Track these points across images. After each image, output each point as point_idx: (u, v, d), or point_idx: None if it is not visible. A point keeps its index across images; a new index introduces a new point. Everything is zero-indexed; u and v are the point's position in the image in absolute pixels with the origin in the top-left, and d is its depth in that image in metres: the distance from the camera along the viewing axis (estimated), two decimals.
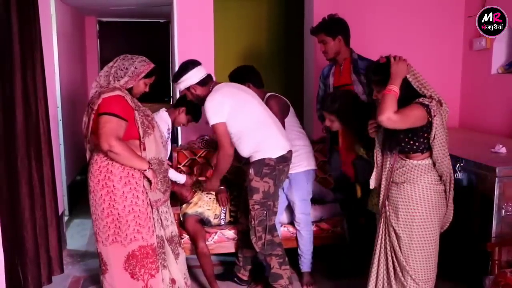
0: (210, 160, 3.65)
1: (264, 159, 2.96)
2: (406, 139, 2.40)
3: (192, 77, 3.01)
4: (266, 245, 3.05)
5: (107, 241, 2.67)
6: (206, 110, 2.97)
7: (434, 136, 2.35)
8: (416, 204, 2.42)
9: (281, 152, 3.00)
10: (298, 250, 3.45)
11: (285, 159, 3.03)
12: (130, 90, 2.68)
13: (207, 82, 3.05)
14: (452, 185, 2.49)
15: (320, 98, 3.51)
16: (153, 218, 2.70)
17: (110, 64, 2.70)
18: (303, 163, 3.30)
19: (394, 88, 2.32)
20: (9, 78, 2.75)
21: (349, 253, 3.46)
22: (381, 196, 2.56)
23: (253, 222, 3.02)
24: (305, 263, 3.44)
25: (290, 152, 3.06)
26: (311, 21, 4.26)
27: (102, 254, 2.74)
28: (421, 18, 4.39)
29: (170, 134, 3.49)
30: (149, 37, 7.18)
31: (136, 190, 2.62)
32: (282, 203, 3.35)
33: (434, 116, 2.32)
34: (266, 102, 3.24)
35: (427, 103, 2.33)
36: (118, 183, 2.60)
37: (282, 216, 3.44)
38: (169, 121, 3.37)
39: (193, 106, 3.30)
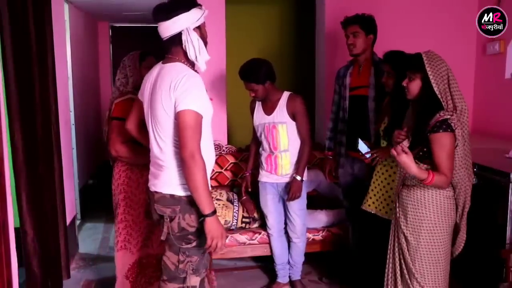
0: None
1: None
2: (426, 149, 2.36)
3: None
4: None
5: (116, 246, 2.68)
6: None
7: (456, 146, 2.31)
8: (425, 208, 2.39)
9: None
10: (290, 260, 3.39)
11: None
12: None
13: None
14: (468, 202, 2.43)
15: (335, 104, 3.43)
16: None
17: (115, 81, 2.82)
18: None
19: (429, 178, 2.25)
20: (28, 83, 2.77)
21: (352, 259, 3.42)
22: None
23: None
24: (297, 272, 3.41)
25: None
26: (323, 25, 4.26)
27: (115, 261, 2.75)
28: (434, 22, 4.36)
29: None
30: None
31: None
32: (283, 214, 3.35)
33: (455, 128, 2.28)
34: (289, 101, 3.15)
35: (449, 122, 2.26)
36: (136, 189, 2.59)
37: (281, 225, 3.40)
38: None
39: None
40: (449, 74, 2.32)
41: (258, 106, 3.27)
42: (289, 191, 3.14)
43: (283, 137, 3.16)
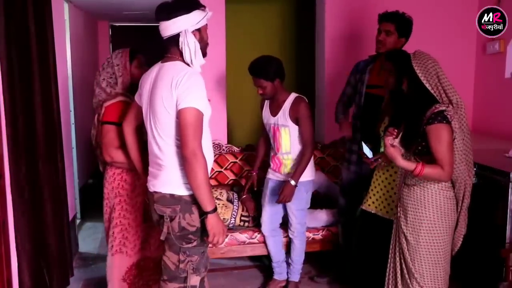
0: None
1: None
2: (424, 143, 2.36)
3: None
4: None
5: (111, 251, 2.62)
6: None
7: (453, 139, 2.30)
8: (425, 207, 2.39)
9: None
10: (289, 259, 3.38)
11: None
12: (134, 85, 2.55)
13: None
14: (467, 197, 2.43)
15: (347, 96, 3.31)
16: None
17: (98, 79, 2.62)
18: (307, 173, 3.18)
19: (417, 169, 2.26)
20: (28, 82, 2.77)
21: (346, 259, 3.39)
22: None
23: None
24: (294, 273, 3.39)
25: None
26: (323, 25, 4.25)
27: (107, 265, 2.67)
28: (434, 22, 4.36)
29: None
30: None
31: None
32: (278, 214, 3.35)
33: (451, 120, 2.27)
34: (293, 104, 3.10)
35: (444, 114, 2.26)
36: (132, 192, 2.55)
37: (274, 225, 3.40)
38: None
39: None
40: (437, 69, 2.33)
41: (266, 104, 3.27)
42: (281, 193, 3.09)
43: (285, 140, 3.14)
